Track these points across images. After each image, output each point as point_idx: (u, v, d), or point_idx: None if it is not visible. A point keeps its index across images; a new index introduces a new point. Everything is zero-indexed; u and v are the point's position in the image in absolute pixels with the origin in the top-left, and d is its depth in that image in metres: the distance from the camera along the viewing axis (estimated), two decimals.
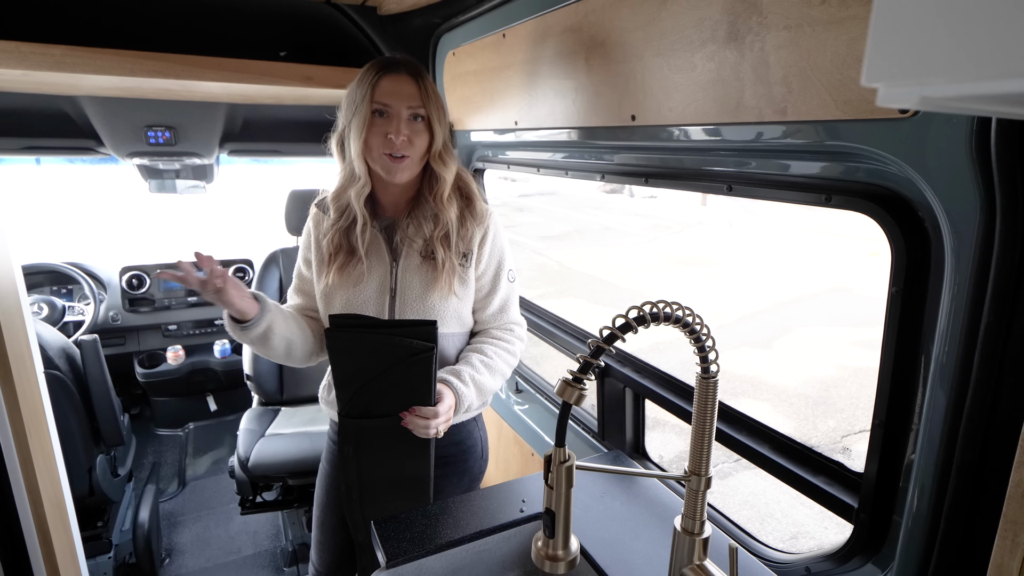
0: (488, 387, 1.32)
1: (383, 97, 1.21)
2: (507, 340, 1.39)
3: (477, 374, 1.30)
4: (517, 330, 1.43)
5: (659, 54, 0.99)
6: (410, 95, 1.21)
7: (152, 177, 2.54)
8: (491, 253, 1.35)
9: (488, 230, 1.34)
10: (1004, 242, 0.64)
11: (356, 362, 1.24)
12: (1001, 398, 0.68)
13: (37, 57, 1.44)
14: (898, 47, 0.27)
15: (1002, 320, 0.66)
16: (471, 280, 1.33)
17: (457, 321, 1.34)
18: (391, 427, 1.23)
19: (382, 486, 1.32)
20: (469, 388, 1.28)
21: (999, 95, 0.25)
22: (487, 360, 1.33)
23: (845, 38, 0.70)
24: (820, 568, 0.98)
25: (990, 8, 0.23)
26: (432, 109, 1.24)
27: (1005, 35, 0.23)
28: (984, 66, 0.24)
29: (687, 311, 0.73)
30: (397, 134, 1.20)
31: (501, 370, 1.35)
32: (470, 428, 1.45)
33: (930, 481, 0.77)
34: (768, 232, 11.53)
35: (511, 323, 1.42)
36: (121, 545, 2.38)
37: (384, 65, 1.22)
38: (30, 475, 1.21)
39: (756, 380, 5.11)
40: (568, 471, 0.71)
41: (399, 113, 1.21)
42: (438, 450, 1.38)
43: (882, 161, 0.75)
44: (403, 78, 1.22)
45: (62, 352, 2.15)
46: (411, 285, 1.29)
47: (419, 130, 1.23)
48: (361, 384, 1.24)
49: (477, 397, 1.30)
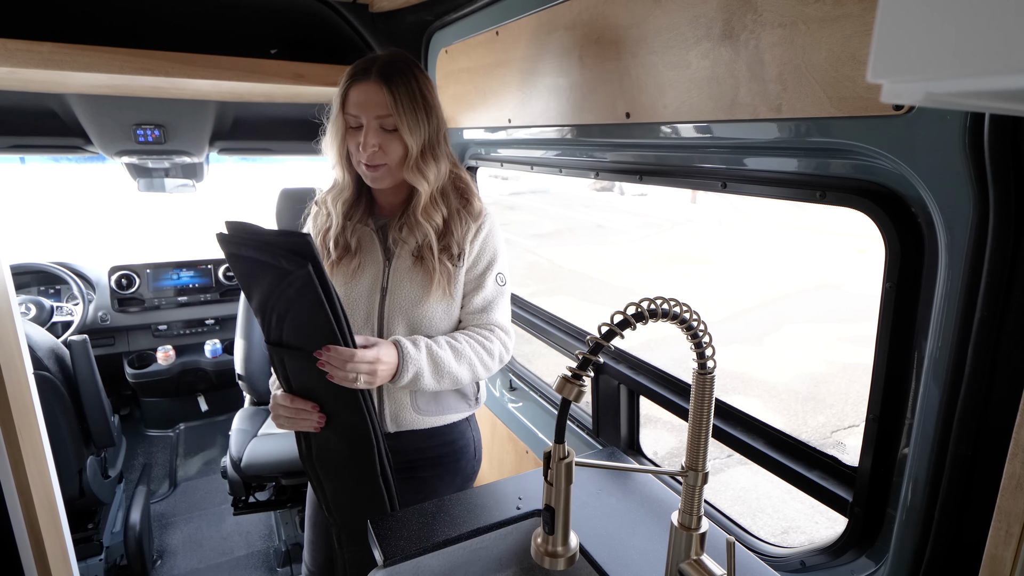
0: (448, 367, 1.23)
1: (352, 109, 1.20)
2: (483, 336, 1.31)
3: (437, 347, 1.23)
4: (499, 333, 1.34)
5: (654, 51, 1.00)
6: (378, 104, 1.18)
7: (141, 176, 2.52)
8: (482, 251, 1.31)
9: (482, 227, 1.31)
10: (997, 237, 0.64)
11: (246, 278, 1.15)
12: (994, 392, 0.69)
13: (24, 54, 1.43)
14: (904, 43, 0.27)
15: (995, 314, 0.67)
16: (461, 280, 1.31)
17: (447, 320, 1.32)
18: (310, 365, 1.12)
19: (325, 439, 1.24)
20: (420, 352, 1.20)
21: (1002, 91, 0.25)
22: (453, 343, 1.26)
23: (839, 36, 0.71)
24: (815, 562, 0.98)
25: (994, 4, 0.23)
26: (403, 118, 1.18)
27: (1009, 31, 0.23)
28: (988, 62, 0.24)
29: (684, 307, 0.73)
30: (366, 146, 1.19)
31: (468, 358, 1.26)
32: (462, 428, 1.42)
33: (924, 474, 0.77)
34: (757, 229, 11.60)
35: (494, 325, 1.34)
36: (112, 547, 2.36)
37: (355, 73, 1.20)
38: (21, 477, 1.19)
39: (747, 376, 5.15)
40: (568, 467, 0.72)
41: (368, 124, 1.19)
42: (429, 450, 1.37)
43: (876, 158, 0.75)
44: (372, 87, 1.17)
45: (51, 353, 2.13)
46: (401, 286, 1.28)
47: (391, 139, 1.21)
48: (264, 305, 1.14)
49: (432, 372, 1.22)
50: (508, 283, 1.38)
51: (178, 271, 3.26)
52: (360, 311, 1.30)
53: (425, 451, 1.38)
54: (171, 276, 3.25)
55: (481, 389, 1.45)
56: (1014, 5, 0.23)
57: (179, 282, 3.26)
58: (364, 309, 1.30)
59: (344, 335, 1.10)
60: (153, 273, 3.21)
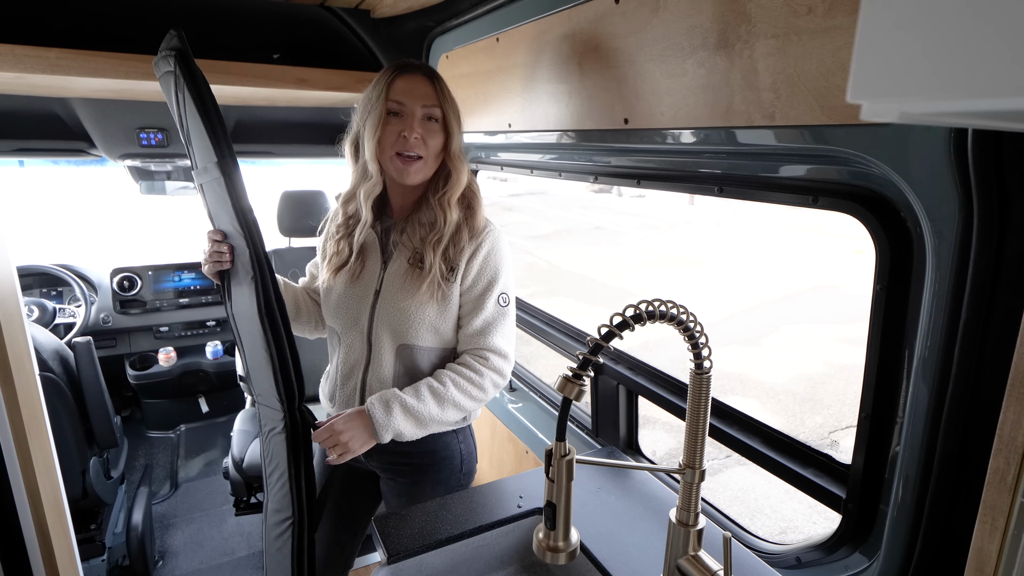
0: (430, 416, 1.23)
1: (397, 96, 1.22)
2: (472, 370, 1.27)
3: (416, 402, 1.23)
4: (494, 360, 1.28)
5: (651, 60, 1.02)
6: (425, 94, 1.23)
7: (143, 179, 2.54)
8: (481, 270, 1.28)
9: (482, 246, 1.28)
10: (981, 241, 0.67)
11: (167, 92, 1.26)
12: (980, 390, 0.71)
13: (32, 60, 1.45)
14: (879, 68, 0.29)
15: (980, 316, 0.69)
16: (454, 296, 1.28)
17: (434, 335, 1.30)
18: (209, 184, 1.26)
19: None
20: (391, 416, 1.21)
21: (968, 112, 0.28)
22: (436, 388, 1.25)
23: (830, 47, 0.73)
24: (810, 558, 1.01)
25: (961, 34, 0.26)
26: (448, 109, 1.26)
27: (974, 58, 0.25)
28: (955, 86, 0.26)
29: (681, 309, 0.75)
30: (411, 132, 1.21)
31: (454, 400, 1.25)
32: (446, 439, 1.38)
33: (914, 471, 0.80)
34: (755, 231, 11.64)
35: (489, 350, 1.29)
36: (114, 548, 2.38)
37: (399, 67, 1.25)
38: (30, 477, 1.21)
39: (745, 377, 5.17)
40: (569, 464, 0.74)
41: (413, 112, 1.22)
42: (413, 456, 1.37)
43: (866, 164, 0.78)
44: (418, 78, 1.24)
45: (56, 354, 2.15)
46: (392, 288, 1.28)
47: (434, 130, 1.25)
48: (176, 121, 1.28)
49: (414, 426, 1.23)
50: (512, 305, 1.33)
51: (179, 273, 3.29)
52: (351, 312, 1.32)
53: (408, 456, 1.37)
54: (172, 278, 3.27)
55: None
56: (980, 35, 0.25)
57: (180, 284, 3.28)
58: (355, 310, 1.31)
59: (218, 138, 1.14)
60: (154, 275, 3.23)
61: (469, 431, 1.46)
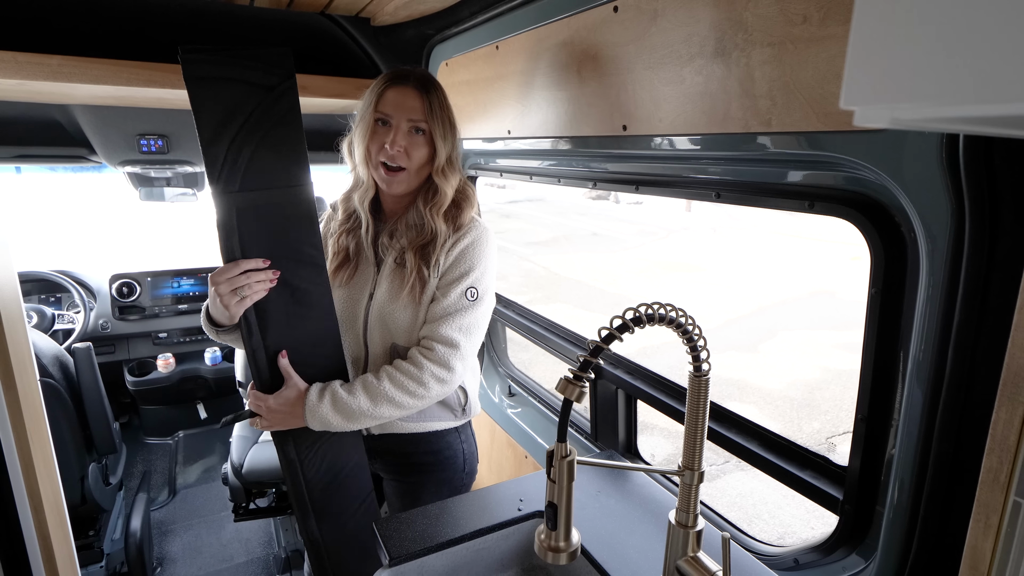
0: (361, 410, 1.21)
1: (385, 107, 1.24)
2: (416, 364, 1.23)
3: (346, 394, 1.22)
4: (440, 350, 1.22)
5: (649, 67, 1.04)
6: (413, 108, 1.24)
7: (143, 185, 2.55)
8: (456, 261, 1.27)
9: (462, 239, 1.28)
10: (973, 245, 0.68)
11: (217, 96, 1.21)
12: (974, 392, 0.73)
13: (34, 67, 1.46)
14: (871, 76, 0.31)
15: (973, 319, 0.70)
16: (432, 288, 1.28)
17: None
18: (278, 205, 1.25)
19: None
20: (322, 403, 1.21)
21: (956, 117, 0.29)
22: (370, 384, 1.23)
23: (825, 55, 0.75)
24: (807, 559, 1.02)
25: (949, 43, 0.27)
26: (435, 123, 1.25)
27: (961, 66, 0.27)
28: (943, 93, 0.28)
29: (680, 312, 0.77)
30: (392, 144, 1.23)
31: (389, 396, 1.21)
32: (449, 439, 1.40)
33: (909, 472, 0.81)
34: (752, 237, 11.68)
35: (437, 340, 1.23)
36: (113, 554, 2.38)
37: (393, 77, 1.26)
38: (32, 482, 1.22)
39: (742, 383, 5.18)
40: (570, 465, 0.75)
41: (399, 124, 1.24)
42: (414, 456, 1.39)
43: (861, 170, 0.79)
44: (409, 91, 1.24)
45: (56, 360, 2.15)
46: (383, 289, 1.31)
47: (418, 143, 1.26)
48: (230, 133, 1.20)
49: (344, 419, 1.22)
50: (482, 302, 1.28)
51: (178, 279, 3.29)
52: (348, 313, 1.34)
53: (410, 456, 1.40)
54: (171, 284, 3.28)
55: (469, 401, 1.42)
56: (967, 43, 0.27)
57: (179, 290, 3.29)
58: (352, 311, 1.34)
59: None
60: (153, 281, 3.23)
61: (470, 431, 1.48)
